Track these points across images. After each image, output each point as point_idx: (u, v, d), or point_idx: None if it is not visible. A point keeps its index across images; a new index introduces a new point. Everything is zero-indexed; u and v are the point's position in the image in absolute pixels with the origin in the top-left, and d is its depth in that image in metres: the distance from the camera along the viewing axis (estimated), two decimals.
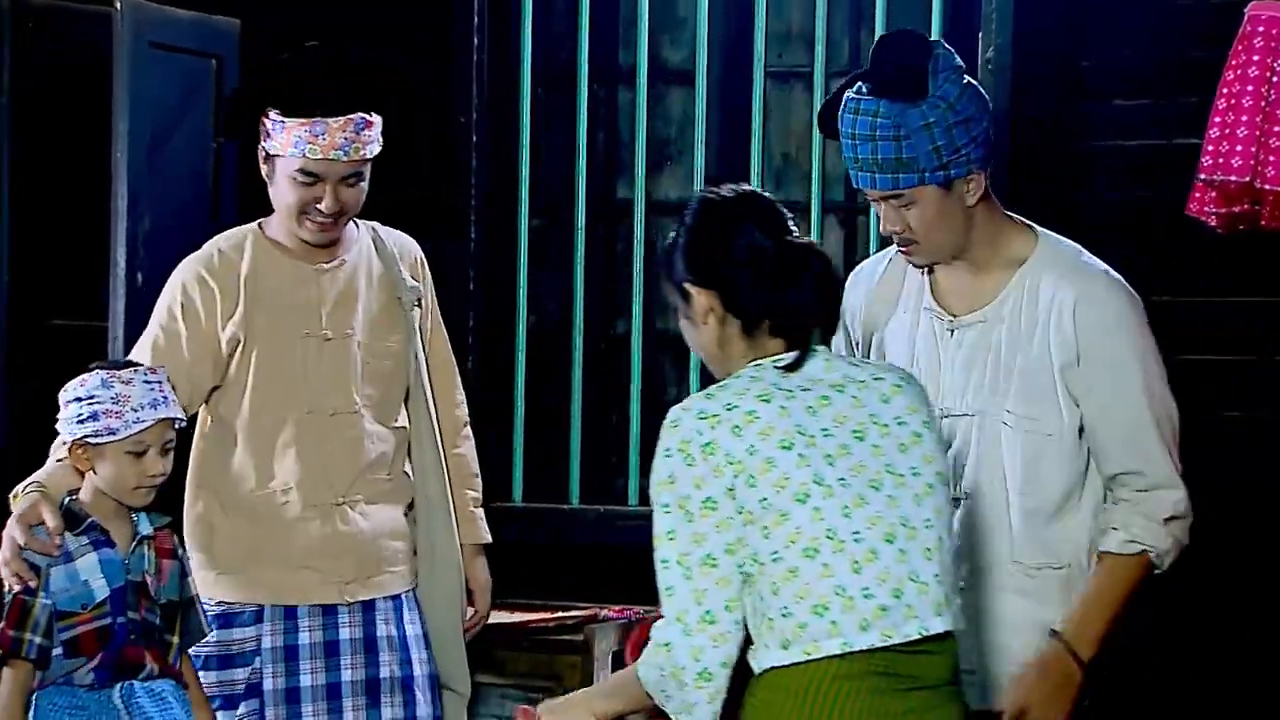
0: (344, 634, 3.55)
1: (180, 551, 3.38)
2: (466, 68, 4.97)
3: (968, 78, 2.94)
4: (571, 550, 4.89)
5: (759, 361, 2.60)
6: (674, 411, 2.57)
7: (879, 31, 4.90)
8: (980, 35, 4.69)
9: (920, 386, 2.66)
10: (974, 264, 3.01)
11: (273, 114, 3.46)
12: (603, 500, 5.01)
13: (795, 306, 2.57)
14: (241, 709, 3.50)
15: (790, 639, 2.50)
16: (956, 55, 2.97)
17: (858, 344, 3.16)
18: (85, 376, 3.23)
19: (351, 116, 3.45)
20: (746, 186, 2.70)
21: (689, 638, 2.51)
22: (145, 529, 3.30)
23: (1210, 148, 3.81)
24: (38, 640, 3.16)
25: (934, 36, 4.84)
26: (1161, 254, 4.45)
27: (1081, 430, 2.92)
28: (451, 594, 3.70)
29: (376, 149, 3.53)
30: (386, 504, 3.62)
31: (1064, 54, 4.63)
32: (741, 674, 2.57)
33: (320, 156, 3.43)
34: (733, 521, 2.51)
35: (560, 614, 4.38)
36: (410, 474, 3.68)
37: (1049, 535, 2.91)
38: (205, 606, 3.45)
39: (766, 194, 2.69)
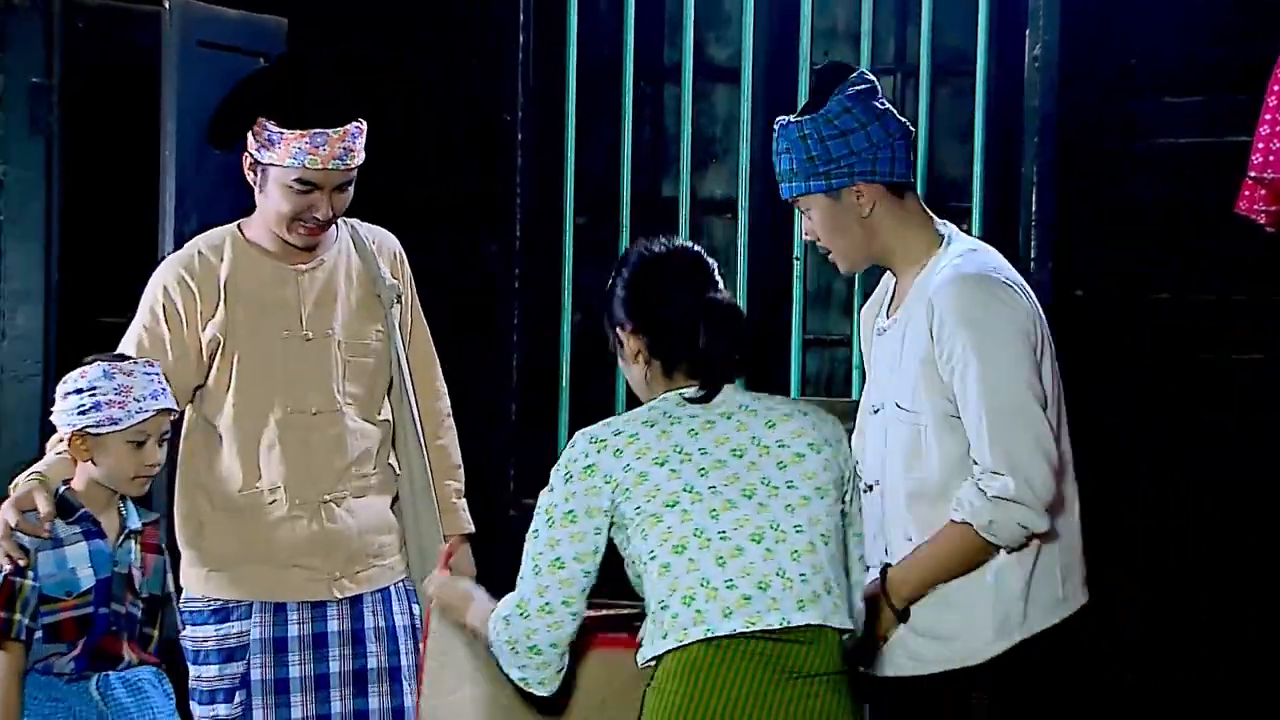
0: (332, 626, 3.60)
1: (164, 547, 3.46)
2: (512, 65, 4.98)
3: (863, 99, 3.14)
4: (613, 548, 4.89)
5: (666, 395, 2.94)
6: (577, 433, 2.94)
7: (925, 28, 4.89)
8: (1028, 31, 4.67)
9: (821, 416, 2.96)
10: (898, 270, 3.22)
11: (269, 125, 3.45)
12: None
13: (710, 356, 2.91)
14: (237, 699, 3.56)
15: (667, 629, 2.84)
16: (870, 83, 3.17)
17: (866, 357, 3.38)
18: (85, 369, 3.30)
19: (348, 127, 3.47)
20: (680, 242, 3.01)
21: (525, 620, 2.93)
22: (134, 523, 3.37)
23: (1260, 145, 3.79)
24: (26, 621, 3.22)
25: (980, 33, 4.84)
26: (1209, 252, 4.43)
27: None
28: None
29: (363, 154, 3.55)
30: (373, 498, 3.65)
31: (1112, 50, 4.60)
32: None
33: (320, 167, 3.45)
34: (590, 535, 2.90)
35: (605, 611, 4.37)
36: (395, 467, 3.72)
37: (934, 517, 3.08)
38: (200, 603, 3.53)
39: (698, 249, 2.99)
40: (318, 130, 3.43)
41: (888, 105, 3.18)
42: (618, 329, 2.98)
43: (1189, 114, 4.54)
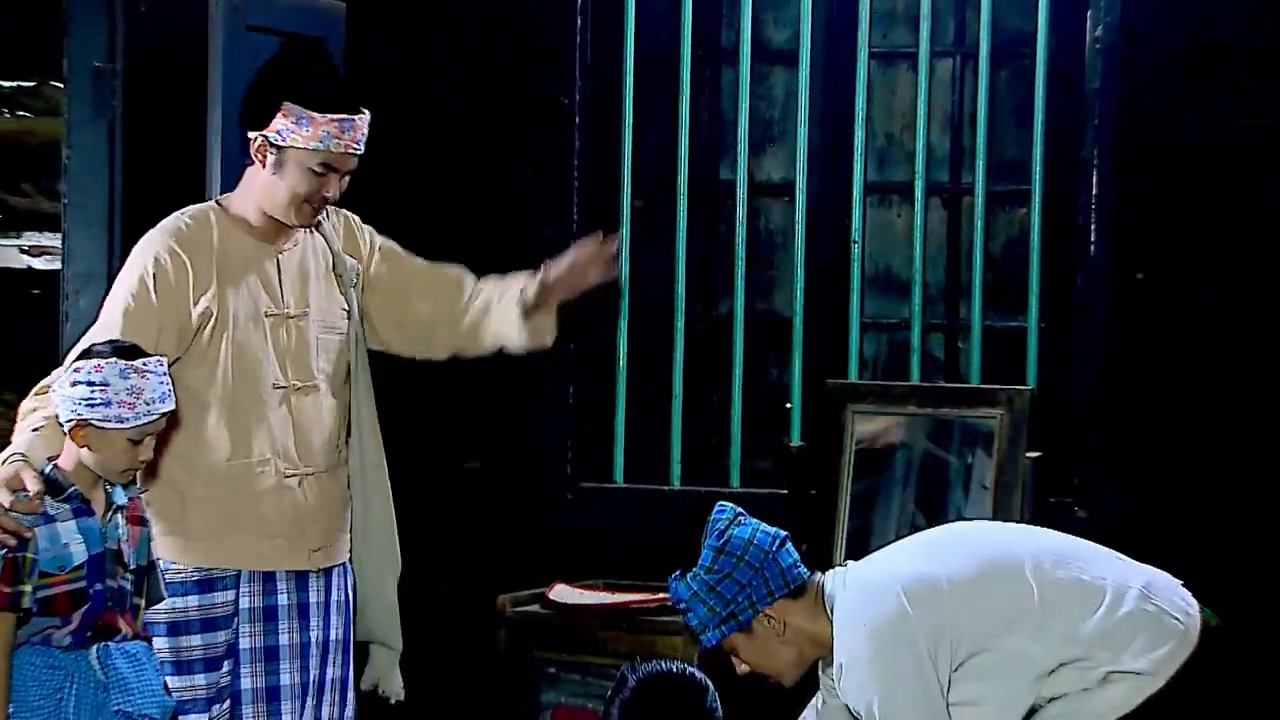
0: (312, 597, 3.68)
1: (146, 518, 3.51)
2: (570, 49, 4.97)
3: (728, 534, 3.31)
4: (673, 531, 4.90)
5: None
6: None
7: (985, 10, 4.86)
8: (1089, 13, 4.63)
9: None
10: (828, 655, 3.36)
11: (295, 107, 3.54)
12: (704, 481, 5.01)
13: None
14: (228, 667, 3.61)
15: None
16: (724, 510, 3.36)
17: None
18: (99, 362, 3.33)
19: (365, 114, 3.60)
20: (687, 669, 3.35)
21: None
22: (120, 499, 3.43)
23: None
24: (31, 592, 3.28)
25: (1041, 14, 4.80)
26: (1273, 235, 4.39)
27: None
28: (384, 556, 3.81)
29: None
30: (339, 473, 3.75)
31: (1174, 32, 4.56)
32: None
33: (342, 151, 3.56)
34: None
35: (662, 595, 4.37)
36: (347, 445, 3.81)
37: None
38: (181, 574, 3.57)
39: (700, 678, 3.30)
40: (345, 115, 3.53)
41: (748, 520, 3.35)
42: None
43: (1251, 97, 4.50)
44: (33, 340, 3.52)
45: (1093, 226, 4.62)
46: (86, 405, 3.31)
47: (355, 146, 3.56)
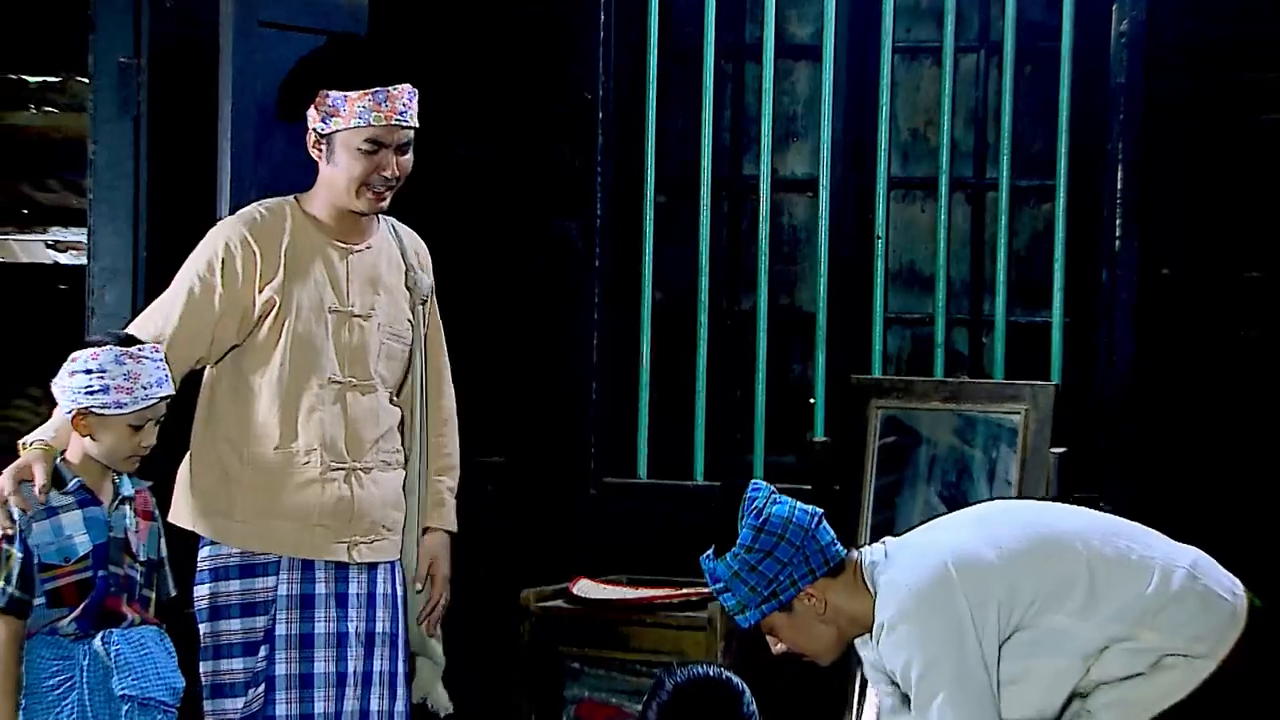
0: (352, 589, 3.71)
1: (157, 513, 3.58)
2: (593, 44, 4.98)
3: (767, 512, 3.28)
4: (696, 526, 4.90)
5: None
6: None
7: (1009, 4, 4.84)
8: (1114, 7, 4.62)
9: None
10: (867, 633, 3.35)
11: (331, 93, 3.62)
12: (727, 476, 5.01)
13: None
14: (260, 653, 3.65)
15: None
16: (758, 489, 3.33)
17: None
18: (95, 350, 3.42)
19: (404, 86, 3.65)
20: (724, 673, 3.31)
21: None
22: (127, 490, 3.50)
23: None
24: (13, 591, 3.35)
25: (1066, 9, 4.79)
26: None
27: None
28: (411, 564, 3.87)
29: (417, 118, 3.71)
30: (392, 474, 3.78)
31: (1199, 27, 4.55)
32: None
33: (385, 123, 3.61)
34: None
35: (685, 590, 4.39)
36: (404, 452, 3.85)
37: None
38: (224, 557, 3.62)
39: (736, 682, 3.28)
40: (378, 88, 3.59)
41: (783, 499, 3.31)
42: None
43: (1277, 91, 4.48)
44: (59, 335, 3.55)
45: (1118, 221, 4.60)
46: (85, 393, 3.38)
47: (398, 118, 3.62)
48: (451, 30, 5.03)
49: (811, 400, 4.95)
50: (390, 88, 3.61)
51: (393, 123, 3.61)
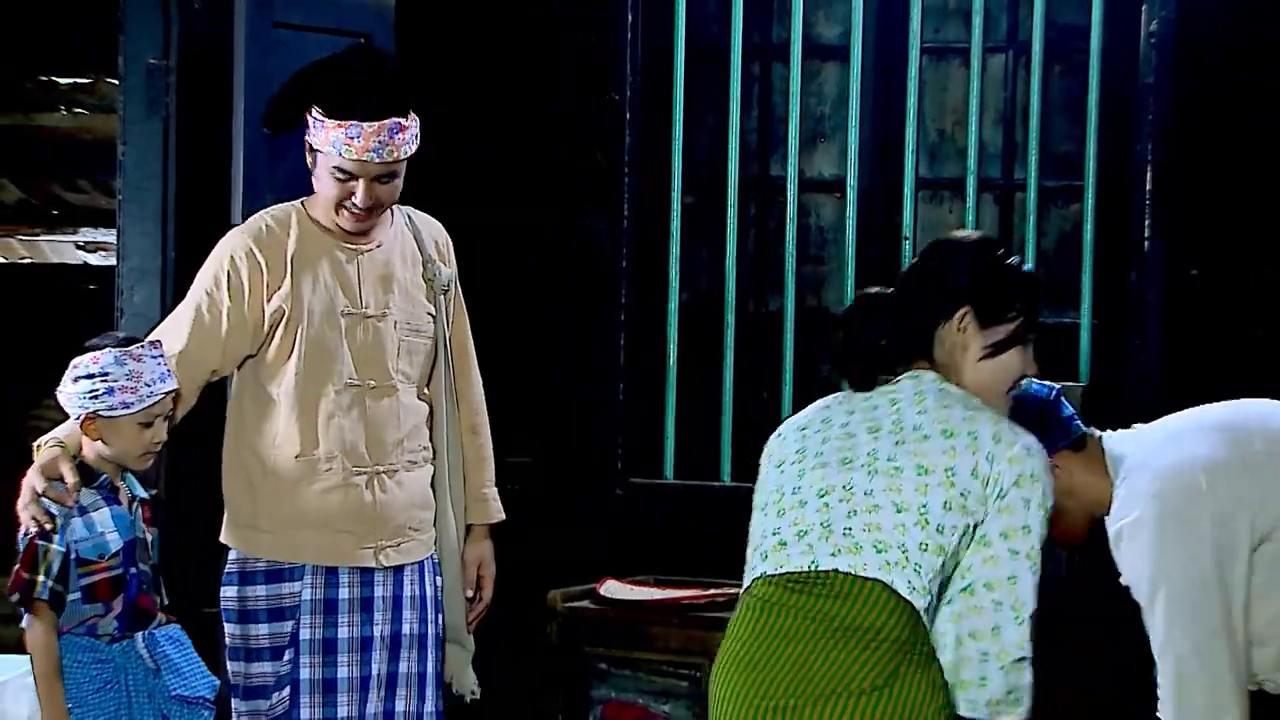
0: (377, 592, 3.71)
1: (161, 519, 3.63)
2: (621, 44, 4.98)
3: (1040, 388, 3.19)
4: (722, 528, 4.89)
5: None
6: None
7: (1037, 4, 4.83)
8: (1144, 7, 4.60)
9: (998, 430, 2.89)
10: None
11: (315, 111, 3.59)
12: (754, 477, 4.98)
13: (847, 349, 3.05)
14: (286, 657, 3.66)
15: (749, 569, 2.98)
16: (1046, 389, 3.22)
17: None
18: (95, 354, 3.45)
19: (385, 122, 3.55)
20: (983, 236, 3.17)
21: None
22: (139, 491, 3.54)
23: None
24: (50, 584, 3.37)
25: (1095, 9, 4.77)
26: None
27: None
28: (457, 558, 3.86)
29: (412, 149, 3.62)
30: (418, 473, 3.77)
31: (1227, 27, 4.53)
32: None
33: (355, 158, 3.56)
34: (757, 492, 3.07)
35: (712, 591, 4.38)
36: (433, 447, 3.83)
37: None
38: (249, 562, 3.64)
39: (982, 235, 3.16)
40: (353, 123, 3.53)
41: (1044, 384, 3.21)
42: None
43: None
44: (89, 335, 3.56)
45: (1146, 222, 4.59)
46: (91, 397, 3.40)
47: (370, 154, 3.55)
48: (478, 29, 5.03)
49: None
50: (367, 124, 3.52)
51: (363, 159, 3.55)
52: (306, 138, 3.63)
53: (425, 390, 3.79)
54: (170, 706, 3.47)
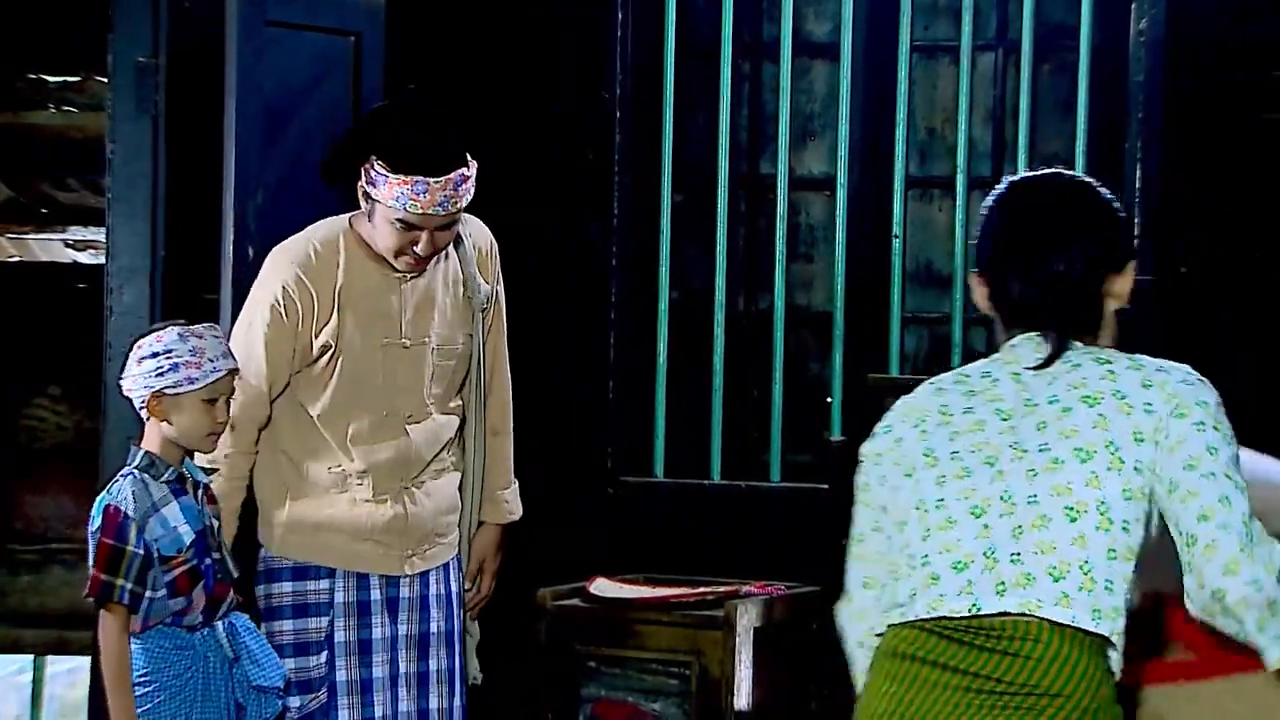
0: (404, 593, 3.76)
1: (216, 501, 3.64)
2: (611, 42, 4.97)
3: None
4: (713, 526, 4.90)
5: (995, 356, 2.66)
6: None
7: (1027, 3, 4.83)
8: (1133, 5, 4.60)
9: (1141, 370, 2.55)
10: None
11: (377, 164, 3.54)
12: (744, 476, 5.01)
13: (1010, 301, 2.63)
14: (320, 657, 3.69)
15: (887, 607, 2.55)
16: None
17: None
18: (159, 334, 3.47)
19: (451, 175, 3.54)
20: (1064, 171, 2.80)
21: (846, 603, 2.67)
22: (200, 477, 3.56)
23: None
24: (130, 586, 3.39)
25: (1084, 7, 4.78)
26: None
27: None
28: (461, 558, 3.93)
29: (471, 194, 3.63)
30: (445, 480, 3.82)
31: (1218, 25, 4.53)
32: None
33: (420, 212, 3.55)
34: (872, 505, 2.62)
35: (702, 589, 4.39)
36: (462, 448, 3.88)
37: None
38: (277, 560, 3.70)
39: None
40: (419, 178, 3.50)
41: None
42: None
43: None
44: (78, 334, 3.57)
45: (1137, 221, 4.59)
46: (156, 375, 3.42)
47: (437, 209, 3.53)
48: (469, 29, 5.03)
49: (829, 400, 4.95)
50: (434, 179, 3.50)
51: (428, 213, 3.53)
52: (363, 185, 3.58)
53: (458, 398, 3.82)
54: (247, 695, 3.49)
